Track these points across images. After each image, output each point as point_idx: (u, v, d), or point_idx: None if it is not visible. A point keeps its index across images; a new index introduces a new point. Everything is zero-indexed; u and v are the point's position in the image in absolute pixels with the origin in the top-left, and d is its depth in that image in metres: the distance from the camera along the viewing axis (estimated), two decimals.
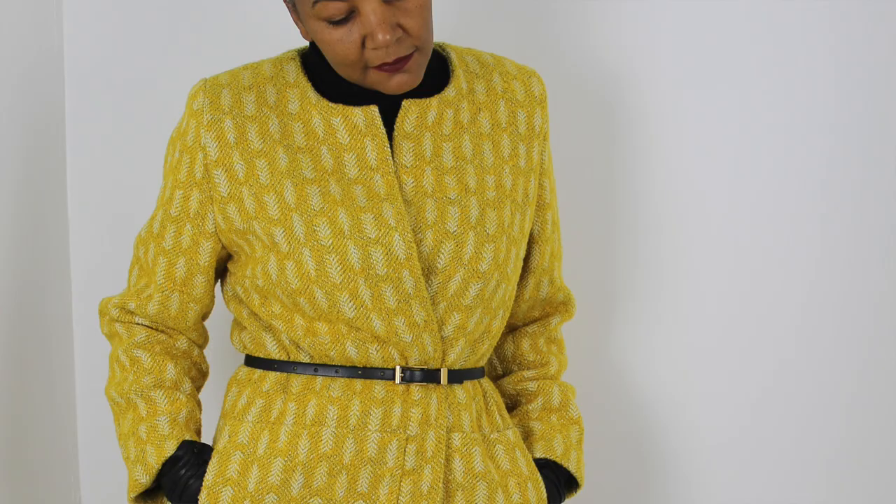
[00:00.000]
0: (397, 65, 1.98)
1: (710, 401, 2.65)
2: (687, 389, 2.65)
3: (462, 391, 2.06)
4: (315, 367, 2.03)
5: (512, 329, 2.28)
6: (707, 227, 2.64)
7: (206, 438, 2.41)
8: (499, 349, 2.28)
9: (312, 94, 2.05)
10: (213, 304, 2.15)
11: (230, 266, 2.11)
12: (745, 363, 2.65)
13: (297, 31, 2.25)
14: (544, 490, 2.11)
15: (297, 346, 2.03)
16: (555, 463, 2.17)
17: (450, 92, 2.09)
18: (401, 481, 1.99)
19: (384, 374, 2.01)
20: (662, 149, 2.64)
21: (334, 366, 2.02)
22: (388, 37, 1.92)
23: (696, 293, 2.65)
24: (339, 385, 2.01)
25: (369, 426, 1.99)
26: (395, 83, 1.99)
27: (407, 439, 2.00)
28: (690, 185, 2.64)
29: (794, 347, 2.65)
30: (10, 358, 2.35)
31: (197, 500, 2.01)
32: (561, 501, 2.17)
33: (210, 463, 2.02)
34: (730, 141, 2.63)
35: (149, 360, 2.07)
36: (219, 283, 2.19)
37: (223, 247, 2.08)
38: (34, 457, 2.43)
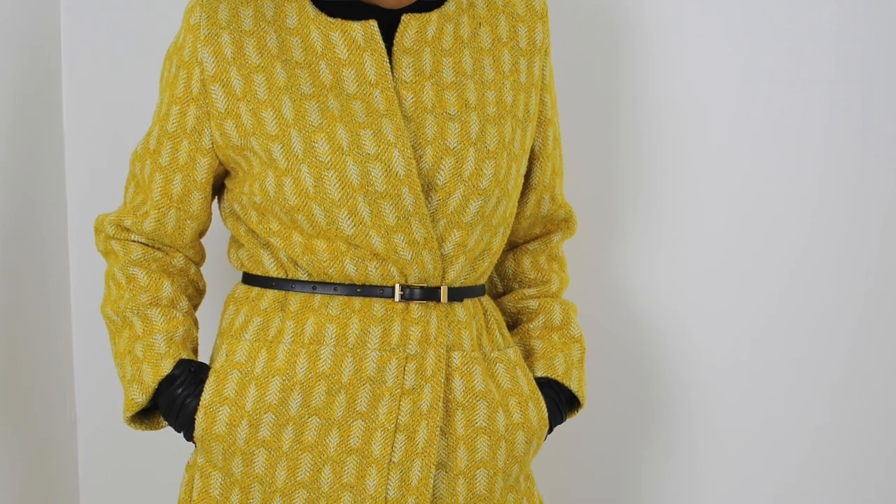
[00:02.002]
0: None
1: (714, 320, 2.64)
2: (690, 308, 2.64)
3: (462, 309, 2.05)
4: (313, 285, 2.01)
5: (513, 246, 2.27)
6: (709, 142, 2.62)
7: (203, 357, 2.40)
8: (499, 267, 2.27)
9: (311, 9, 2.02)
10: (211, 222, 2.14)
11: (227, 183, 2.09)
12: (748, 283, 2.64)
13: None
14: (545, 409, 2.11)
15: (295, 264, 2.02)
16: (556, 382, 2.17)
17: (450, 6, 2.07)
18: (400, 400, 1.98)
19: (383, 292, 2.00)
20: (664, 63, 2.61)
21: (333, 284, 2.00)
22: None
23: (699, 211, 2.64)
24: (337, 303, 2.00)
25: (368, 345, 1.98)
26: None
27: (406, 358, 1.99)
28: (692, 100, 2.62)
29: (799, 268, 2.64)
30: (4, 275, 2.33)
31: (194, 419, 2.01)
32: (562, 420, 2.17)
33: (207, 382, 2.01)
34: (733, 54, 2.61)
35: (145, 277, 2.06)
36: (216, 200, 2.17)
37: (220, 163, 2.06)
38: (29, 376, 2.43)
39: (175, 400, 2.02)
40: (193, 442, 2.03)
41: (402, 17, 2.03)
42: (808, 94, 2.61)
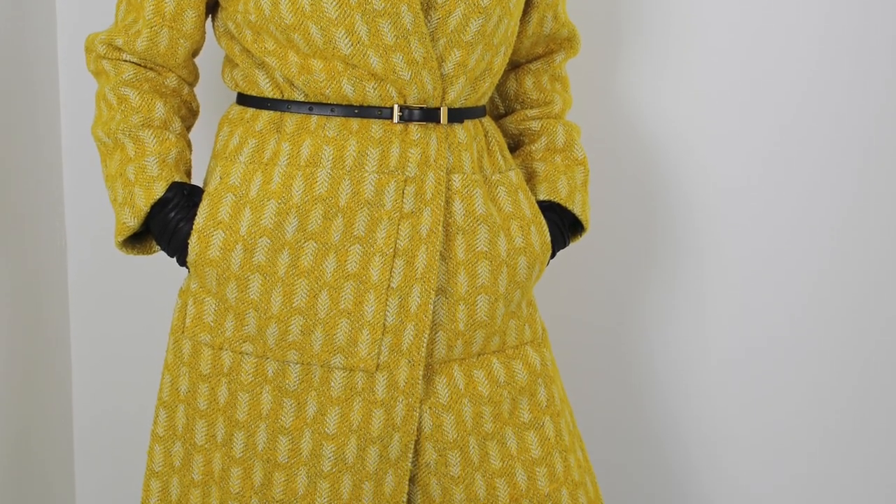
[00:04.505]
0: None
1: (722, 141, 2.63)
2: (696, 128, 2.62)
3: (462, 131, 2.02)
4: (310, 106, 1.98)
5: (514, 66, 2.25)
6: None
7: (196, 180, 2.39)
8: (501, 87, 2.25)
9: None
10: (204, 41, 2.10)
11: (221, 1, 2.05)
12: (758, 101, 2.61)
13: None
14: (548, 233, 2.09)
15: (291, 84, 1.98)
16: (559, 205, 2.16)
17: None
18: (399, 224, 1.96)
19: (381, 112, 1.97)
20: None
21: (330, 104, 1.97)
22: None
23: (706, 29, 2.61)
24: (334, 124, 1.97)
25: (366, 167, 1.96)
26: None
27: (405, 181, 1.96)
28: None
29: (810, 87, 2.62)
30: None
31: (187, 243, 1.99)
32: (565, 245, 2.16)
33: (200, 205, 1.99)
34: None
35: (137, 98, 2.03)
36: (210, 19, 2.13)
37: None
38: (18, 196, 2.40)
39: (168, 224, 1.99)
40: (186, 267, 2.02)
41: None
42: None
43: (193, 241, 1.97)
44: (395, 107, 1.96)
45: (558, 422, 2.08)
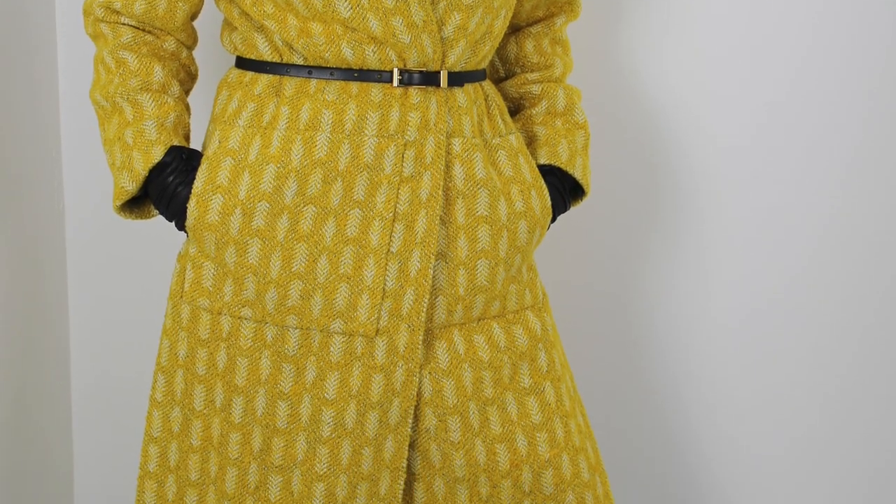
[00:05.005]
0: None
1: (723, 103, 2.62)
2: (698, 91, 2.62)
3: (463, 94, 2.01)
4: (309, 70, 1.97)
5: (515, 30, 2.24)
6: None
7: (195, 144, 2.37)
8: (501, 51, 2.24)
9: None
10: (203, 4, 2.09)
11: None
12: (759, 65, 2.61)
13: None
14: (548, 198, 2.08)
15: (291, 48, 1.97)
16: (559, 169, 2.15)
17: None
18: (398, 188, 1.95)
19: (381, 76, 1.95)
20: None
21: (329, 68, 1.96)
22: None
23: None
24: (334, 88, 1.96)
25: (366, 131, 1.94)
26: None
27: (405, 145, 1.95)
28: None
29: (810, 53, 2.61)
30: None
31: (185, 208, 1.98)
32: (566, 209, 2.16)
33: (199, 169, 1.98)
34: None
35: (135, 61, 2.01)
36: None
37: None
38: (16, 160, 2.40)
39: (166, 188, 1.98)
40: (185, 231, 2.01)
41: None
42: None
43: (192, 206, 1.97)
44: (395, 70, 1.95)
45: (559, 387, 2.08)
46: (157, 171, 1.98)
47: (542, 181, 2.09)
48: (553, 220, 2.13)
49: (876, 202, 2.65)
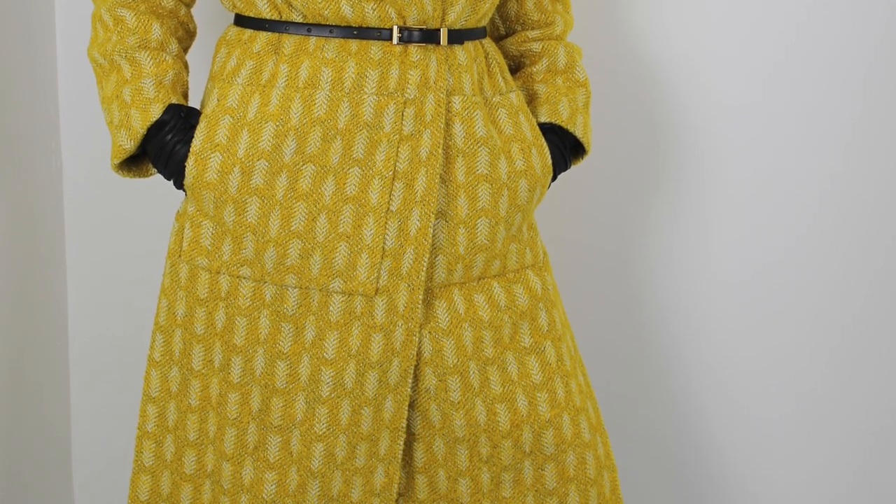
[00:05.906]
0: None
1: (725, 61, 2.61)
2: (700, 49, 2.60)
3: (463, 52, 1.99)
4: (308, 27, 1.95)
5: None
6: None
7: (193, 102, 2.36)
8: (501, 8, 2.23)
9: None
10: None
11: None
12: (761, 22, 2.58)
13: None
14: (549, 156, 2.07)
15: (289, 5, 1.96)
16: (560, 127, 2.14)
17: None
18: (398, 146, 1.93)
19: (381, 34, 1.94)
20: None
21: (328, 25, 1.94)
22: None
23: None
24: (333, 46, 1.94)
25: (365, 89, 1.93)
26: None
27: (405, 103, 1.94)
28: None
29: (810, 13, 2.58)
30: None
31: (184, 166, 1.97)
32: (567, 168, 2.15)
33: (198, 128, 1.97)
34: None
35: (133, 19, 2.00)
36: None
37: None
38: (13, 118, 2.39)
39: (164, 146, 1.97)
40: (183, 190, 2.00)
41: None
42: None
43: (190, 164, 1.95)
44: (395, 28, 1.94)
45: (559, 346, 2.07)
46: (155, 130, 1.97)
47: (543, 139, 2.08)
48: (554, 178, 2.11)
49: (879, 161, 2.64)
